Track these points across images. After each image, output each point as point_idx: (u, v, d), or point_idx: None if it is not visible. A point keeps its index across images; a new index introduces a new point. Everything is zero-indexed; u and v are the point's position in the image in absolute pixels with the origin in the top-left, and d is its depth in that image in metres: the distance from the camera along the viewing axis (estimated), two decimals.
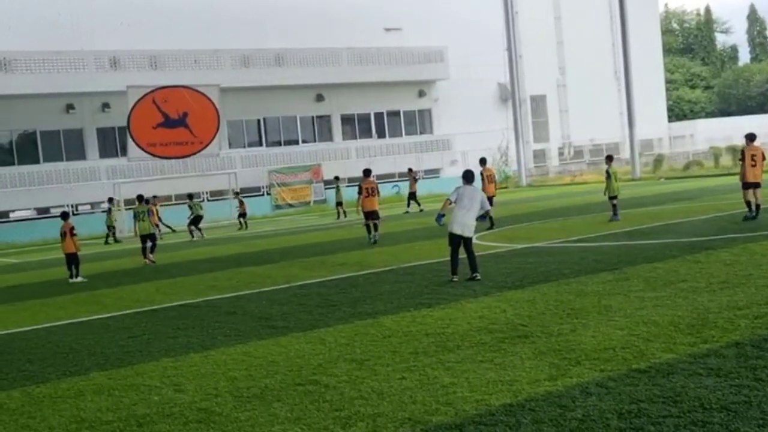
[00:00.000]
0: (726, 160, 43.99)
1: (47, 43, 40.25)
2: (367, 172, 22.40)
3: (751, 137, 18.28)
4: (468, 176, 13.61)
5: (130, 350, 9.72)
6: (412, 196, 35.75)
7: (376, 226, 21.53)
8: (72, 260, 18.85)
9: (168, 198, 41.80)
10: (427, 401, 6.51)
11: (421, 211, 33.27)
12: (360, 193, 21.80)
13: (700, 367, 6.69)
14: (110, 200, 35.96)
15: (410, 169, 38.67)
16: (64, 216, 19.73)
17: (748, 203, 17.64)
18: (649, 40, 61.50)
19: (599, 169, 54.07)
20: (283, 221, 36.54)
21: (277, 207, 44.73)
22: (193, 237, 31.46)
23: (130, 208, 38.39)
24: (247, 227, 34.09)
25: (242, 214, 35.43)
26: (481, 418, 5.98)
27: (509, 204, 32.54)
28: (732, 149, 44.47)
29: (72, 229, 18.96)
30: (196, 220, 32.13)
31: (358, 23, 49.63)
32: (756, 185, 17.71)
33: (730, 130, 61.79)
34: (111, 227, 34.41)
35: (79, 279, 18.55)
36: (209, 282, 16.04)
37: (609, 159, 23.22)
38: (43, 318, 13.17)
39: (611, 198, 21.40)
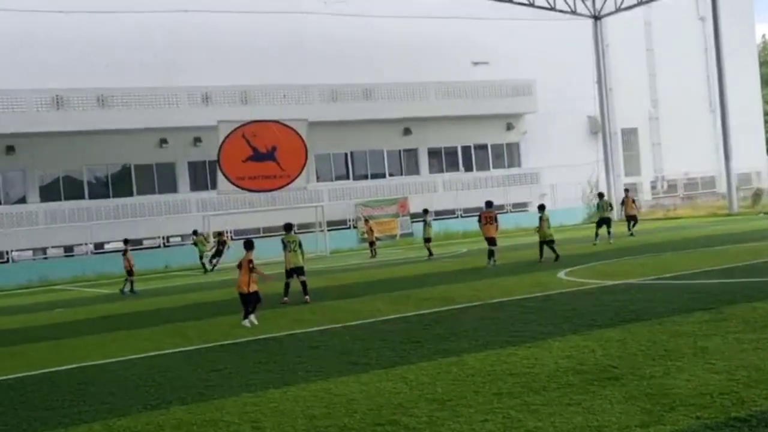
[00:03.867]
0: None
1: (142, 80, 41.59)
2: (488, 204, 24.93)
3: None
4: None
5: (211, 384, 9.68)
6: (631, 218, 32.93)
7: (492, 253, 23.71)
8: (248, 299, 15.19)
9: (256, 231, 42.38)
10: None
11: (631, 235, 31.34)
12: (480, 221, 24.41)
13: None
14: (194, 232, 36.87)
15: (626, 190, 36.58)
16: (248, 245, 15.82)
17: None
18: (745, 72, 59.78)
19: (694, 204, 52.66)
20: (368, 254, 36.51)
21: (363, 240, 44.77)
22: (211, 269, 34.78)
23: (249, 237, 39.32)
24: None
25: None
26: None
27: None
28: None
29: (250, 262, 15.24)
30: (218, 252, 35.55)
31: (445, 57, 49.73)
32: None
33: None
34: (201, 257, 35.74)
35: (247, 321, 14.97)
36: (293, 316, 16.02)
37: None
38: (129, 350, 13.31)
39: None
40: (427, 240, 31.50)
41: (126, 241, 28.87)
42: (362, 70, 47.30)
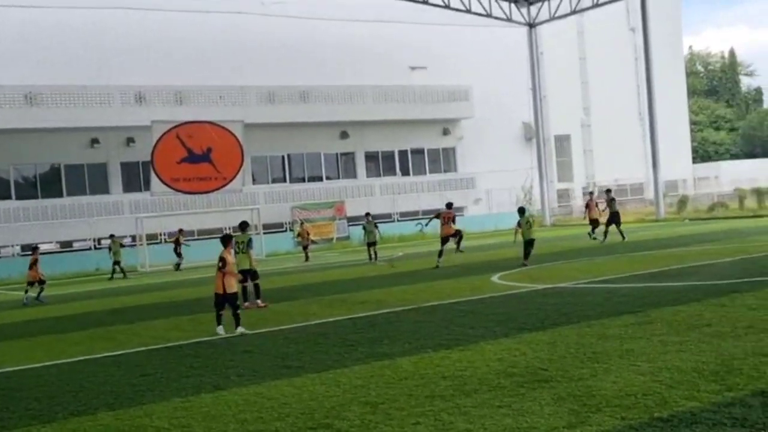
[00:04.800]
0: (751, 202, 43.45)
1: (73, 78, 40.76)
2: (449, 205, 26.95)
3: None
4: None
5: (141, 389, 9.56)
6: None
7: (459, 243, 26.15)
8: (223, 300, 13.64)
9: (191, 233, 41.94)
10: None
11: (594, 238, 30.27)
12: (438, 218, 26.18)
13: (725, 416, 6.44)
14: (111, 236, 35.83)
15: (591, 193, 35.20)
16: (225, 241, 14.31)
17: None
18: (673, 82, 61.31)
19: (623, 210, 53.72)
20: (304, 257, 36.41)
21: (299, 244, 44.67)
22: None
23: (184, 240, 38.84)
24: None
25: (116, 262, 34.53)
26: None
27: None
28: (757, 191, 43.96)
29: (222, 260, 13.66)
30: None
31: (384, 61, 49.92)
32: None
33: (755, 171, 61.29)
34: (117, 263, 34.30)
35: (239, 330, 13.39)
36: (227, 319, 15.85)
37: None
38: (57, 354, 13.05)
39: None
40: (372, 244, 30.51)
41: (35, 249, 26.53)
42: (300, 72, 47.18)
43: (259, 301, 17.78)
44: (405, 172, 51.96)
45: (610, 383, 7.85)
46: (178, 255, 36.59)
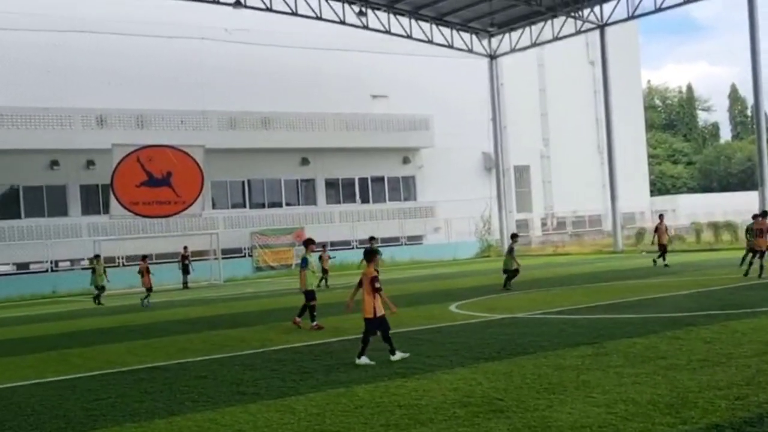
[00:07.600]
0: (708, 236, 44.09)
1: (34, 99, 40.34)
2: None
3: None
4: None
5: (94, 414, 9.41)
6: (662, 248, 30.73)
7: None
8: (376, 325, 12.05)
9: (150, 257, 41.51)
10: None
11: (666, 266, 29.32)
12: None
13: None
14: (97, 258, 32.96)
15: (661, 216, 33.82)
16: (371, 255, 12.56)
17: None
18: (632, 115, 62.33)
19: (581, 241, 54.34)
20: (263, 283, 36.22)
21: (258, 269, 44.48)
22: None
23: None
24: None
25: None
26: None
27: (490, 273, 32.36)
28: (713, 225, 44.60)
29: (375, 279, 12.05)
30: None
31: (345, 89, 50.12)
32: None
33: (712, 206, 62.31)
34: (100, 287, 30.88)
35: (365, 358, 11.84)
36: (182, 344, 15.74)
37: None
38: (9, 377, 12.82)
39: None
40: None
41: (144, 258, 29.04)
42: (261, 98, 47.18)
43: (314, 323, 16.95)
44: (365, 199, 52.06)
45: (565, 414, 7.88)
46: (186, 272, 37.79)
